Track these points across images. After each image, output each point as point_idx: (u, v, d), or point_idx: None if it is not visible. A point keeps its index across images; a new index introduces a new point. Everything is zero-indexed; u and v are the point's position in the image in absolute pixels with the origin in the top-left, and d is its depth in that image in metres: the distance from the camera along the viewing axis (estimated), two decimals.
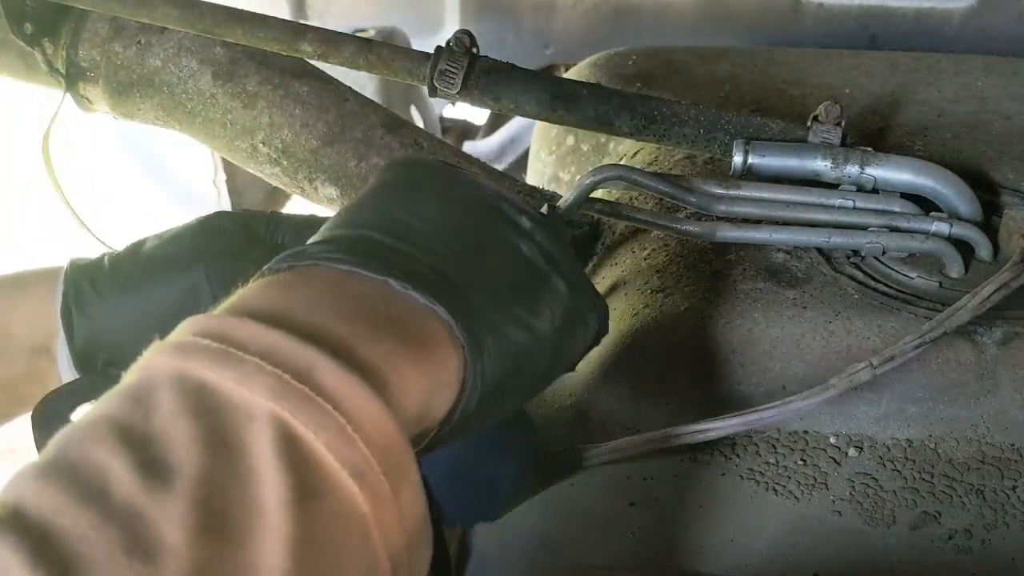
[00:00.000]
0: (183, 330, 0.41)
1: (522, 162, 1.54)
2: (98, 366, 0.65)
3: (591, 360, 0.70)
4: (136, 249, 0.67)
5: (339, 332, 0.42)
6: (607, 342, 0.71)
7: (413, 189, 0.54)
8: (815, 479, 0.62)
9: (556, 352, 0.54)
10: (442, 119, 1.66)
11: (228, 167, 1.56)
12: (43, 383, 0.65)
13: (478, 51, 0.74)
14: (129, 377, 0.40)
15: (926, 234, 0.70)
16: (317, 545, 0.36)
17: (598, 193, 0.73)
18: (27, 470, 0.36)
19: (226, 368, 0.39)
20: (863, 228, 0.70)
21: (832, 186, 0.72)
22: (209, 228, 0.68)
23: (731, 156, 0.73)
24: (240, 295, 0.45)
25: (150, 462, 0.36)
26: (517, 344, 0.50)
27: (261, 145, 0.87)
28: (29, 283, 0.67)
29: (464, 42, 0.74)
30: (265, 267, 0.48)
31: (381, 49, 0.74)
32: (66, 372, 0.65)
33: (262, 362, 0.39)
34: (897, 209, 0.71)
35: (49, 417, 0.61)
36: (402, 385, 0.43)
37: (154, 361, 0.40)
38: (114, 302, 0.65)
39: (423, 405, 0.45)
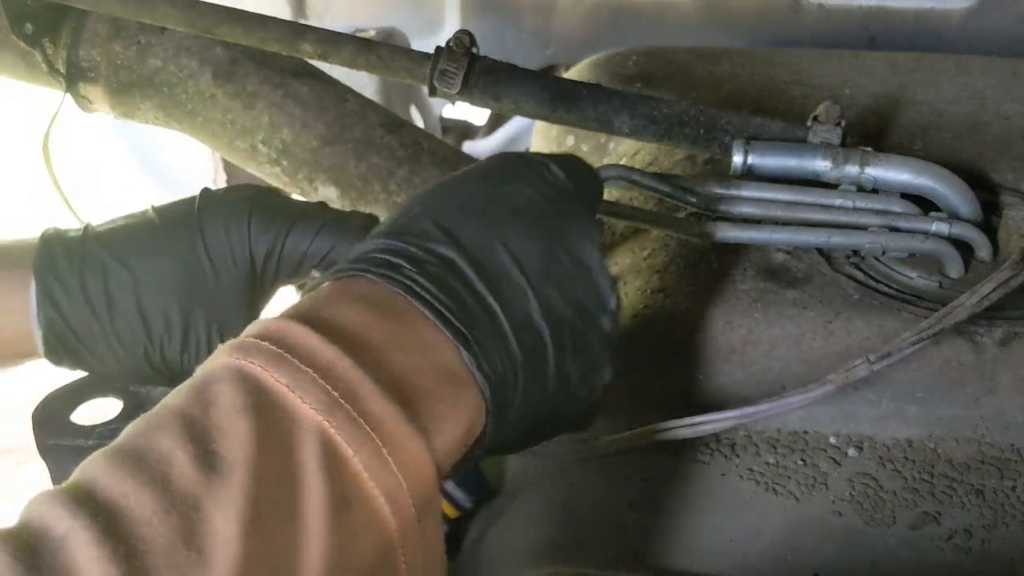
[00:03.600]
0: (250, 331, 0.44)
1: None
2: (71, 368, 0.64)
3: None
4: (111, 233, 0.64)
5: (397, 367, 0.45)
6: None
7: (528, 220, 0.52)
8: (815, 479, 0.62)
9: (570, 396, 0.54)
10: (442, 119, 1.65)
11: (228, 167, 1.56)
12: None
13: (478, 51, 0.74)
14: (197, 372, 0.43)
15: (926, 234, 0.70)
16: (347, 555, 0.39)
17: None
18: (100, 452, 0.39)
19: (282, 373, 0.41)
20: (863, 228, 0.70)
21: (832, 186, 0.72)
22: (178, 236, 0.64)
23: (731, 156, 0.73)
24: (312, 301, 0.47)
25: (209, 455, 0.38)
26: (539, 395, 0.52)
27: (261, 145, 0.88)
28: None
29: (464, 42, 0.74)
30: (347, 264, 0.50)
31: (381, 49, 0.74)
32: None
33: (316, 375, 0.41)
34: (897, 209, 0.71)
35: (49, 417, 0.61)
36: (441, 432, 0.45)
37: (218, 359, 0.43)
38: (89, 325, 0.62)
39: (452, 449, 0.47)
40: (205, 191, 0.65)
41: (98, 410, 0.63)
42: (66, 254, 0.62)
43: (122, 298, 0.62)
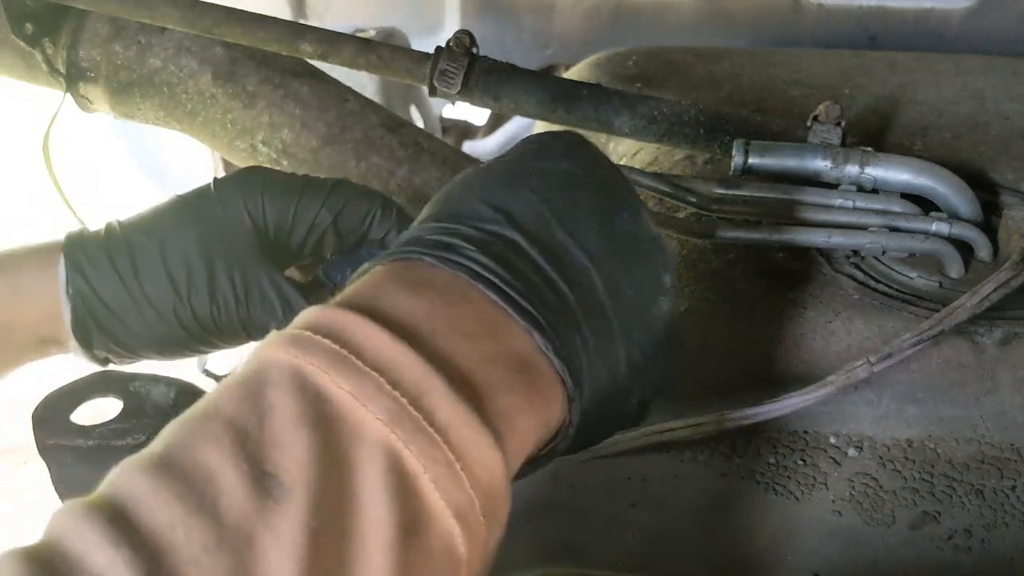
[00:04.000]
0: (301, 321, 0.40)
1: None
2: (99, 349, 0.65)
3: None
4: (129, 228, 0.65)
5: (469, 368, 0.41)
6: None
7: (579, 196, 0.49)
8: (815, 479, 0.62)
9: (629, 399, 0.51)
10: (442, 119, 1.65)
11: (228, 167, 1.56)
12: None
13: (478, 51, 0.74)
14: (244, 366, 0.39)
15: (926, 234, 0.70)
16: None
17: None
18: (137, 463, 0.35)
19: (345, 378, 0.38)
20: (863, 228, 0.70)
21: (832, 186, 0.72)
22: (197, 208, 0.65)
23: (731, 156, 0.73)
24: (368, 285, 0.43)
25: (264, 477, 0.35)
26: (608, 402, 0.48)
27: (261, 145, 0.88)
28: (25, 272, 0.65)
29: (464, 42, 0.74)
30: (400, 248, 0.45)
31: (381, 49, 0.75)
32: (78, 358, 0.65)
33: (381, 379, 0.38)
34: (897, 209, 0.71)
35: (49, 417, 0.61)
36: (516, 436, 0.42)
37: (270, 354, 0.39)
38: (117, 290, 0.63)
39: (526, 448, 0.43)
40: (217, 178, 0.67)
41: (98, 410, 0.63)
42: (93, 237, 0.64)
43: (147, 263, 0.62)
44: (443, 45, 0.74)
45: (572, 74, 1.06)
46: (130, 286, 0.62)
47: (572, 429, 0.46)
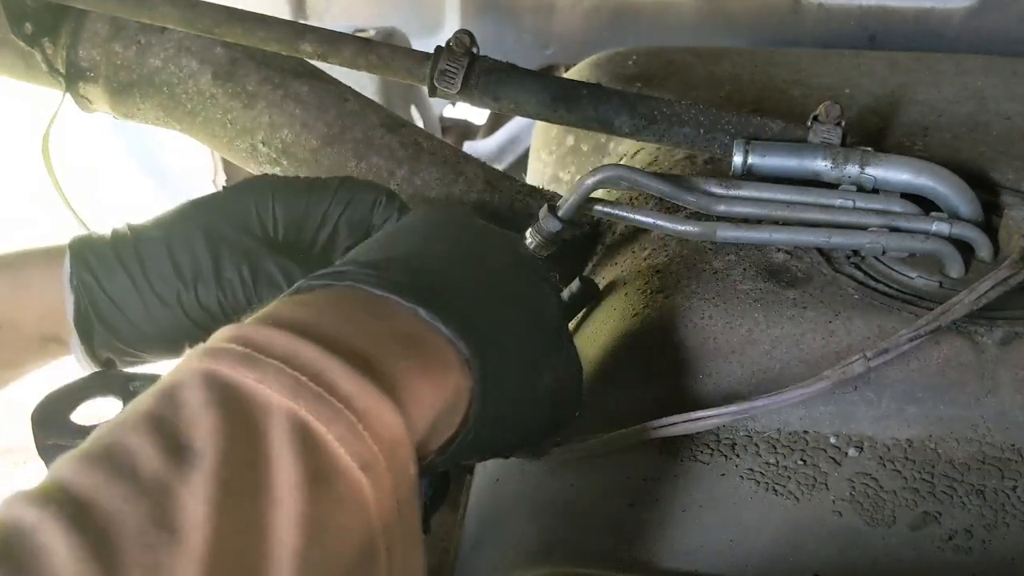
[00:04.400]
0: (216, 337, 0.45)
1: (522, 162, 1.54)
2: (101, 347, 0.65)
3: (591, 360, 0.70)
4: (137, 227, 0.67)
5: (360, 345, 0.45)
6: (608, 343, 0.71)
7: (450, 231, 0.59)
8: (815, 479, 0.62)
9: (545, 413, 0.58)
10: (442, 119, 1.65)
11: (228, 167, 1.55)
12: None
13: (478, 51, 0.74)
14: (164, 378, 0.43)
15: (926, 234, 0.70)
16: (324, 525, 0.39)
17: (598, 193, 0.73)
18: (68, 455, 0.39)
19: (249, 369, 0.42)
20: (863, 228, 0.70)
21: (832, 186, 0.72)
22: (206, 206, 0.68)
23: (731, 156, 0.73)
24: (274, 307, 0.48)
25: (177, 447, 0.39)
26: (521, 392, 0.54)
27: (261, 145, 0.87)
28: (31, 268, 0.66)
29: (464, 42, 0.74)
30: (302, 282, 0.52)
31: (381, 49, 0.74)
32: (80, 358, 0.65)
33: (282, 365, 0.42)
34: (897, 209, 0.71)
35: (49, 417, 0.61)
36: (413, 396, 0.46)
37: (184, 364, 0.44)
38: (121, 281, 0.64)
39: (431, 421, 0.47)
40: (227, 185, 0.69)
41: (98, 410, 0.63)
42: (100, 236, 0.66)
43: (152, 253, 0.64)
44: (443, 45, 0.74)
45: (572, 74, 1.06)
46: (135, 276, 0.64)
47: (479, 391, 0.50)
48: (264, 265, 0.64)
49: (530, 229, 0.74)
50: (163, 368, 0.65)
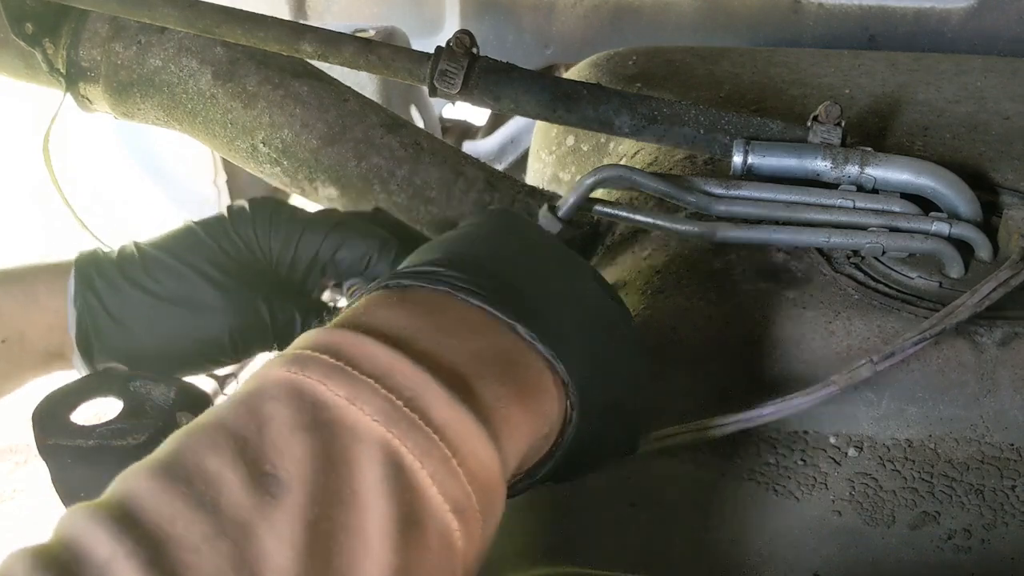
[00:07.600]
0: (300, 343, 0.42)
1: (522, 162, 1.54)
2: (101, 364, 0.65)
3: None
4: (141, 247, 0.67)
5: (458, 364, 0.42)
6: None
7: (527, 245, 0.54)
8: (815, 479, 0.62)
9: (621, 437, 0.54)
10: (442, 119, 1.65)
11: (228, 167, 1.56)
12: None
13: (478, 51, 0.74)
14: (245, 385, 0.41)
15: (926, 234, 0.70)
16: (415, 573, 0.37)
17: (598, 193, 0.73)
18: (140, 467, 0.37)
19: (340, 385, 0.39)
20: (863, 228, 0.70)
21: (832, 186, 0.72)
22: (211, 232, 0.68)
23: (731, 156, 0.73)
24: (364, 308, 0.45)
25: (262, 477, 0.36)
26: (605, 416, 0.50)
27: (261, 145, 0.87)
28: (39, 284, 0.66)
29: (464, 42, 0.74)
30: (388, 276, 0.48)
31: (381, 49, 0.74)
32: (81, 374, 0.66)
33: (376, 385, 0.39)
34: (897, 209, 0.71)
35: (49, 417, 0.61)
36: (508, 427, 0.42)
37: (269, 372, 0.41)
38: (126, 300, 0.64)
39: (524, 452, 0.45)
40: (230, 205, 0.70)
41: (98, 410, 0.63)
42: (105, 254, 0.67)
43: (161, 278, 0.65)
44: (443, 45, 0.74)
45: (572, 74, 1.06)
46: (141, 298, 0.64)
47: (574, 416, 0.46)
48: (270, 300, 0.65)
49: None
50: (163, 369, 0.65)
